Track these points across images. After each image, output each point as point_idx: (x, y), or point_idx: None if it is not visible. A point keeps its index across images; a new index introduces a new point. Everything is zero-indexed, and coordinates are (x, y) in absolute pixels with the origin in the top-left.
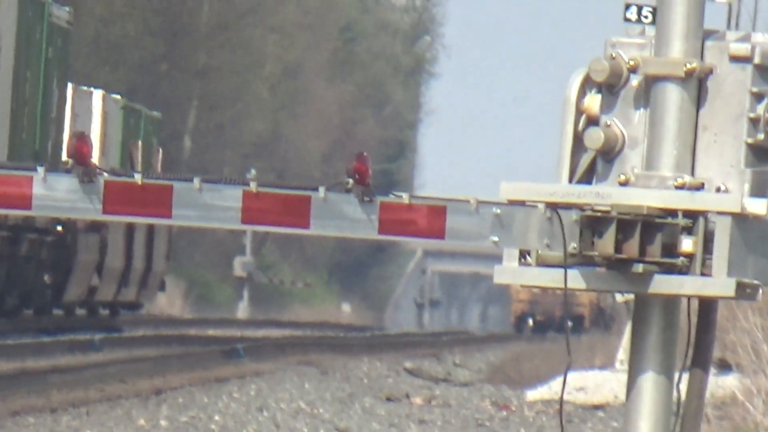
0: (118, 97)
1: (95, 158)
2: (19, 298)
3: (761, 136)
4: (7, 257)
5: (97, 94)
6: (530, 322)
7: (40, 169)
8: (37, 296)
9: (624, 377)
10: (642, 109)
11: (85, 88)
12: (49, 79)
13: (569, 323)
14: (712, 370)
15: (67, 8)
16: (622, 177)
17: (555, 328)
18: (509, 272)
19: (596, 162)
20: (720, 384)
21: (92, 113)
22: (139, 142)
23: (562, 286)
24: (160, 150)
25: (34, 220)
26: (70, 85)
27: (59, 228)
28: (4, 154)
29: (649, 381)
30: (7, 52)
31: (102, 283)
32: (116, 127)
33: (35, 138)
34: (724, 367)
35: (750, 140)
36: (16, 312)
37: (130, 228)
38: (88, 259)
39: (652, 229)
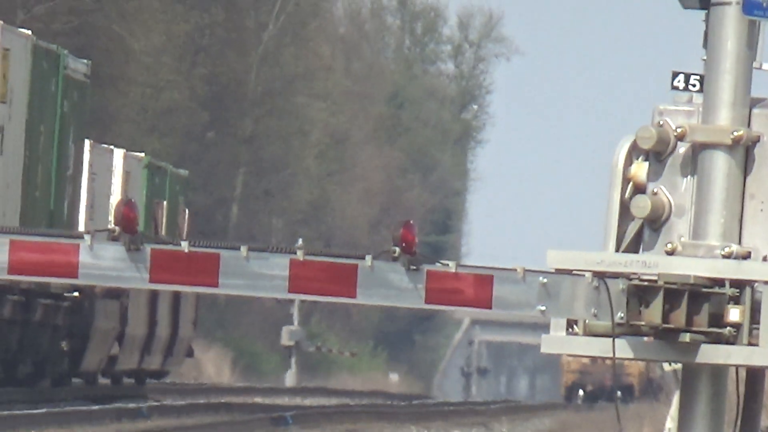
0: (142, 155)
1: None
2: (34, 366)
3: None
4: (21, 323)
5: (118, 153)
6: (581, 392)
7: (87, 237)
8: (52, 364)
9: None
10: (689, 177)
11: (105, 145)
12: (65, 135)
13: (619, 393)
14: None
15: (85, 61)
16: (669, 246)
17: (605, 398)
18: (557, 342)
19: (643, 230)
20: None
21: (113, 172)
22: (164, 203)
23: (610, 355)
24: (187, 210)
25: (48, 285)
26: (87, 142)
27: (76, 294)
28: (16, 214)
29: None
30: (19, 105)
31: (123, 351)
32: (139, 187)
33: (50, 197)
34: None
35: None
36: (31, 381)
37: (154, 293)
38: (107, 326)
39: (699, 298)
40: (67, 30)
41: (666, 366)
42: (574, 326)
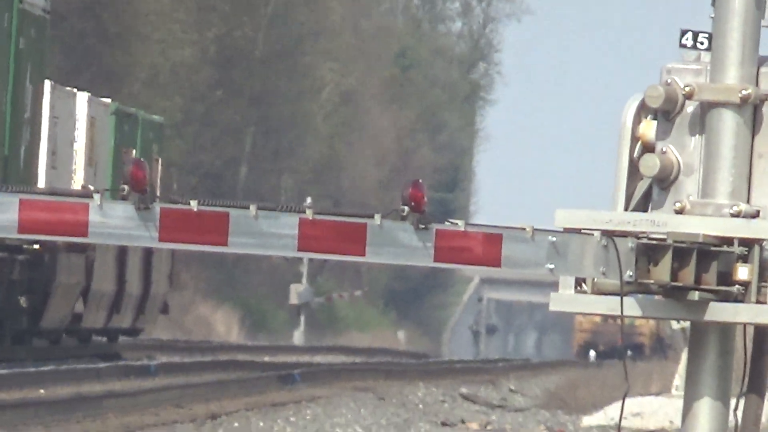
0: (108, 100)
1: (81, 168)
2: None
3: None
4: None
5: (82, 96)
6: (592, 351)
7: (96, 196)
8: (10, 322)
9: (680, 403)
10: (698, 136)
11: (68, 88)
12: (21, 74)
13: (629, 352)
14: None
15: None
16: (678, 205)
17: (617, 356)
18: (565, 300)
19: (652, 189)
20: None
21: (77, 117)
22: (133, 151)
23: (618, 313)
24: (160, 159)
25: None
26: (48, 83)
27: (36, 246)
28: None
29: (705, 407)
30: None
31: (88, 308)
32: (106, 134)
33: (4, 141)
34: None
35: None
36: None
37: (122, 248)
38: (71, 281)
39: (708, 257)
40: None
41: (674, 324)
42: (583, 284)
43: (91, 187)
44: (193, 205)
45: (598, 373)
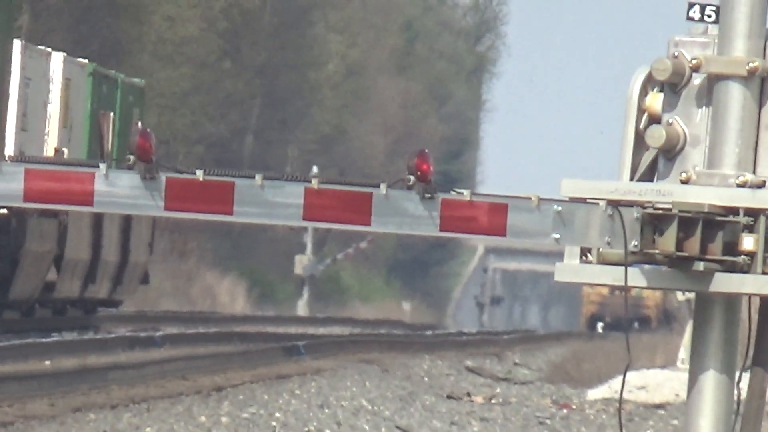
0: (85, 61)
1: (55, 130)
2: None
3: None
4: None
5: (57, 57)
6: (600, 324)
7: (102, 166)
8: None
9: (685, 376)
10: (704, 108)
11: (42, 47)
12: None
13: (636, 324)
14: None
15: None
16: (684, 175)
17: (623, 329)
18: (570, 270)
19: (658, 160)
20: None
21: (51, 78)
22: (111, 114)
23: (623, 283)
24: (140, 123)
25: None
26: (18, 43)
27: (3, 211)
28: None
29: (710, 379)
30: None
31: (62, 277)
32: (82, 96)
33: None
34: None
35: None
36: None
37: (98, 213)
38: (42, 249)
39: (714, 227)
40: None
41: (679, 296)
42: (588, 254)
43: (65, 150)
44: (199, 174)
45: (603, 345)
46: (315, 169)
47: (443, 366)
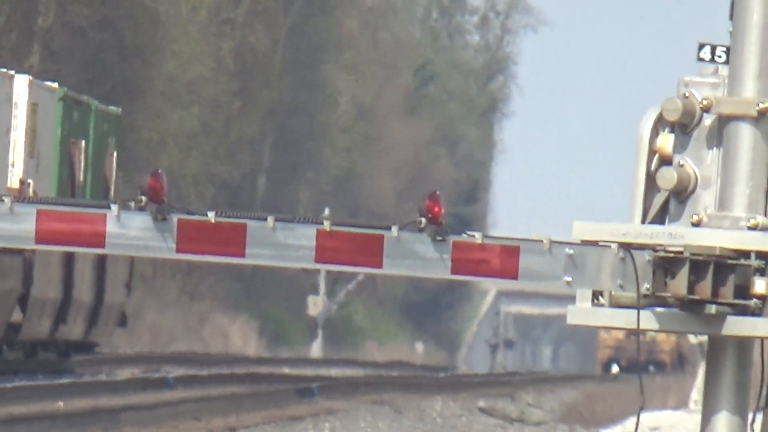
0: (55, 85)
1: (20, 160)
2: None
3: None
4: None
5: (22, 80)
6: (616, 367)
7: (114, 207)
8: None
9: (698, 417)
10: (715, 149)
11: (4, 70)
12: None
13: (650, 368)
14: None
15: None
16: (695, 217)
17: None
18: (582, 313)
19: (669, 202)
20: None
21: (15, 102)
22: (83, 142)
23: (635, 327)
24: (115, 153)
25: None
26: None
27: None
28: None
29: (722, 421)
30: None
31: (28, 317)
32: (51, 122)
33: None
34: None
35: None
36: None
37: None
38: (4, 287)
39: (725, 270)
40: (96, 0)
41: (692, 338)
42: (600, 297)
43: (31, 182)
44: (211, 216)
45: (616, 387)
46: (327, 210)
47: (456, 407)
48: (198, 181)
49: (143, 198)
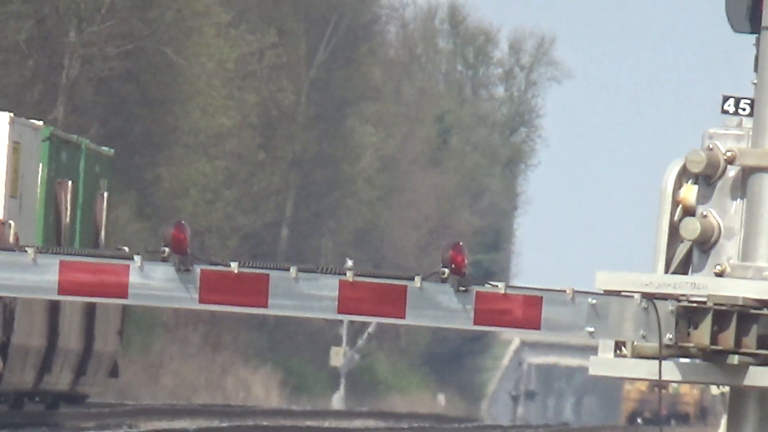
0: (40, 123)
1: (0, 200)
2: None
3: None
4: None
5: (2, 117)
6: (639, 420)
7: (137, 258)
8: None
9: None
10: (739, 200)
11: None
12: None
13: (672, 422)
14: None
15: None
16: (718, 268)
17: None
18: (605, 364)
19: (692, 252)
20: None
21: None
22: (69, 183)
23: (657, 377)
24: (106, 194)
25: None
26: None
27: None
28: None
29: None
30: None
31: (9, 366)
32: (34, 162)
33: None
34: None
35: None
36: None
37: None
38: None
39: (748, 320)
40: (120, 54)
41: (714, 389)
42: (623, 348)
43: (12, 223)
44: (234, 266)
45: None
46: (349, 262)
47: None
48: (221, 231)
49: (166, 249)
